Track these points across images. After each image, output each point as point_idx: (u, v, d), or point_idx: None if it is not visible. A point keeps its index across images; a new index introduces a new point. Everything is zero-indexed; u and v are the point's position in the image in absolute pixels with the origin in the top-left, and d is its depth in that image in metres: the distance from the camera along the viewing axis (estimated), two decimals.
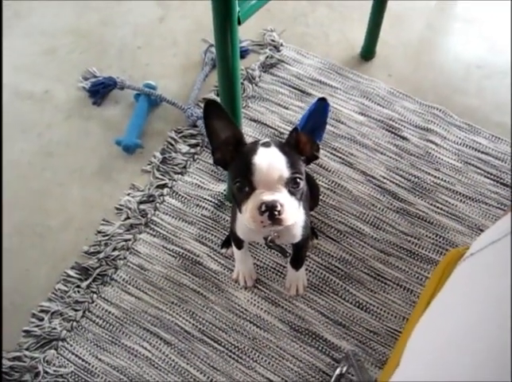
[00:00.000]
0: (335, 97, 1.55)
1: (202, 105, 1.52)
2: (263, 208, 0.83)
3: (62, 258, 1.32)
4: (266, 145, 0.87)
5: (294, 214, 0.87)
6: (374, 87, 1.57)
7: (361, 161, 1.44)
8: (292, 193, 0.86)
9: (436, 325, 0.58)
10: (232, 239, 1.19)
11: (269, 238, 1.00)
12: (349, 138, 1.48)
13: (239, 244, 1.18)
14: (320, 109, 0.88)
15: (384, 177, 1.42)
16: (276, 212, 0.83)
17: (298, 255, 1.19)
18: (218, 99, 1.29)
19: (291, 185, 0.86)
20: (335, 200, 1.38)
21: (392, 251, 1.31)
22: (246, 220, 0.86)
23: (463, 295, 0.56)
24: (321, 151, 1.45)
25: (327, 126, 1.50)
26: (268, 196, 0.83)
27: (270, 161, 0.84)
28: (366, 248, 1.32)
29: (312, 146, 0.91)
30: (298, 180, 0.86)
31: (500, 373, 0.40)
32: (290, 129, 1.50)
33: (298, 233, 1.04)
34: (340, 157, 1.45)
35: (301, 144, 0.89)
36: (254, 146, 0.88)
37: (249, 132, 1.50)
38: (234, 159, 0.88)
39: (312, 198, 1.21)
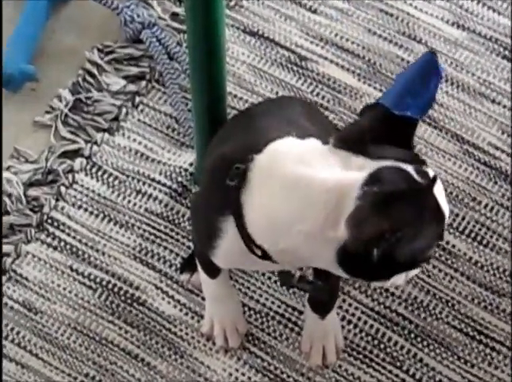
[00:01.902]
0: None
1: (151, 2, 1.53)
2: None
3: None
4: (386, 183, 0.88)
5: None
6: None
7: (453, 115, 1.44)
8: None
9: None
10: (198, 262, 1.18)
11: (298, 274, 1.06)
12: None
13: (214, 270, 1.17)
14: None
15: (497, 147, 1.41)
16: None
17: (325, 289, 1.18)
18: None
19: None
20: None
21: (507, 287, 1.30)
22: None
23: None
24: (377, 92, 1.46)
25: (390, 47, 1.50)
26: None
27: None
28: (457, 282, 1.31)
29: None
30: None
31: None
32: (322, 53, 1.51)
33: None
34: None
35: None
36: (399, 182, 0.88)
37: (240, 55, 1.49)
38: None
39: None
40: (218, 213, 0.97)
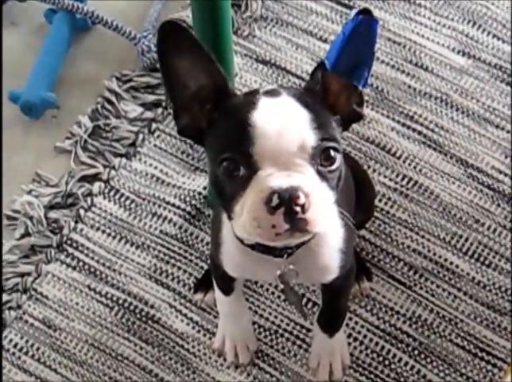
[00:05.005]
0: (416, 21, 1.58)
1: None
2: (275, 200, 0.84)
3: None
4: (273, 93, 0.90)
5: (328, 212, 0.89)
6: (489, 4, 1.59)
7: (458, 140, 1.47)
8: (322, 176, 0.88)
9: None
10: (214, 278, 1.22)
11: (279, 272, 1.02)
12: (438, 98, 1.51)
13: (227, 286, 1.21)
14: (362, 29, 0.90)
15: (500, 171, 1.44)
16: (298, 208, 0.85)
17: (333, 306, 1.22)
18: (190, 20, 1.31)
19: (321, 160, 0.87)
20: (406, 210, 1.41)
21: (508, 306, 1.33)
22: (242, 229, 0.88)
23: None
24: (384, 119, 1.49)
25: (397, 75, 1.53)
26: (282, 180, 0.85)
27: (282, 120, 0.86)
28: (460, 301, 1.34)
29: (350, 95, 0.94)
30: (333, 152, 0.88)
31: None
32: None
33: (332, 263, 1.06)
34: (420, 133, 1.48)
35: (332, 92, 0.92)
36: (252, 96, 0.90)
37: (253, 82, 1.53)
38: (215, 123, 0.90)
39: (360, 205, 1.24)
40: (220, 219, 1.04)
